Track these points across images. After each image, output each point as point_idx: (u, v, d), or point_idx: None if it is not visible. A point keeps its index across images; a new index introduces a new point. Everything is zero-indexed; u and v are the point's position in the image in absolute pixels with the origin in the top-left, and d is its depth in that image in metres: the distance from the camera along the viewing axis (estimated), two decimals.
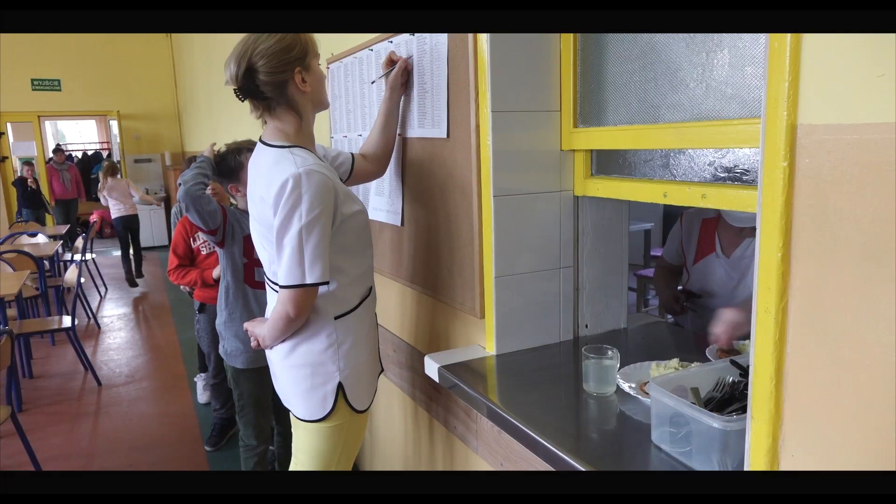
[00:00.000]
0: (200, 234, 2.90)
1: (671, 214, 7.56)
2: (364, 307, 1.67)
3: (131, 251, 7.29)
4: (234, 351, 2.37)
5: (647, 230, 5.53)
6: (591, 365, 1.37)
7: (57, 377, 4.48)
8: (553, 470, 1.17)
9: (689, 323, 2.23)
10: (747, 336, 1.35)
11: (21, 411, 3.83)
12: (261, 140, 1.60)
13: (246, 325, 1.76)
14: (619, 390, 1.37)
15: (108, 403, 4.00)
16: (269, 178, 1.45)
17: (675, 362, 1.39)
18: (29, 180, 8.64)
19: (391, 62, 1.86)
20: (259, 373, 2.34)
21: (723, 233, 2.13)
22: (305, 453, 1.68)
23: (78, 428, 3.65)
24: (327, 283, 1.51)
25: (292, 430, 1.75)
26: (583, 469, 1.09)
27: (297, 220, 1.41)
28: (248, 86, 1.47)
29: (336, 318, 1.59)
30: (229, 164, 2.32)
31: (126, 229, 7.08)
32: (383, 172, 1.96)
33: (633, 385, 1.37)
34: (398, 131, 1.99)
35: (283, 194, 1.41)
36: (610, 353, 1.36)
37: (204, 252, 2.99)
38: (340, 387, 1.61)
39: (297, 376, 1.62)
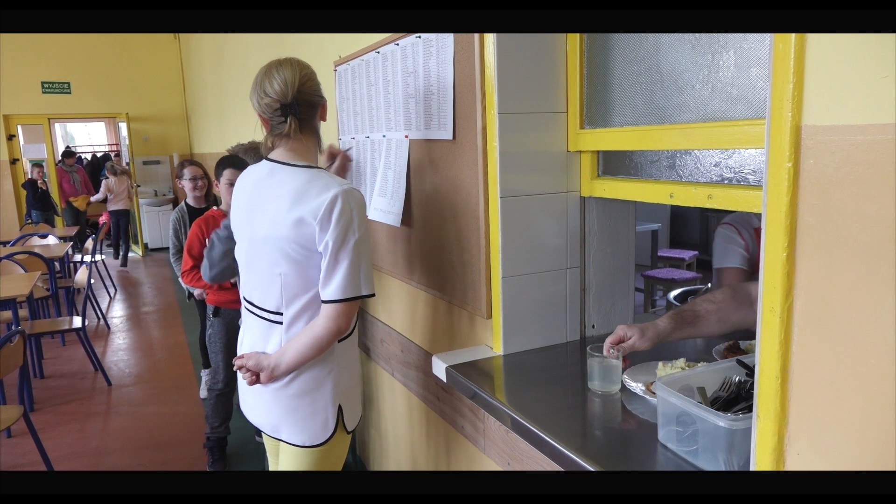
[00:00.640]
0: None
1: (678, 215, 7.56)
2: (356, 330, 1.70)
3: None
4: None
5: (654, 231, 5.52)
6: (596, 364, 1.38)
7: (67, 377, 4.52)
8: (560, 469, 1.18)
9: None
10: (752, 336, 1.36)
11: (33, 411, 3.87)
12: (273, 160, 1.57)
13: (243, 361, 1.61)
14: (625, 389, 1.38)
15: (117, 403, 4.04)
16: (310, 196, 1.46)
17: (681, 362, 1.39)
18: (39, 182, 8.72)
19: (332, 156, 1.86)
20: None
21: None
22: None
23: (88, 427, 3.68)
24: (374, 295, 1.55)
25: (280, 456, 1.70)
26: (589, 468, 1.10)
27: (352, 235, 1.46)
28: (298, 99, 1.52)
29: (339, 341, 1.60)
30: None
31: (120, 218, 8.51)
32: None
33: (640, 385, 1.37)
34: (405, 134, 2.00)
35: (335, 210, 1.44)
36: (614, 352, 1.36)
37: None
38: (340, 409, 1.62)
39: (298, 405, 1.60)
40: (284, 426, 1.62)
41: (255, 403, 1.68)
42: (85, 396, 4.16)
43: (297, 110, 1.52)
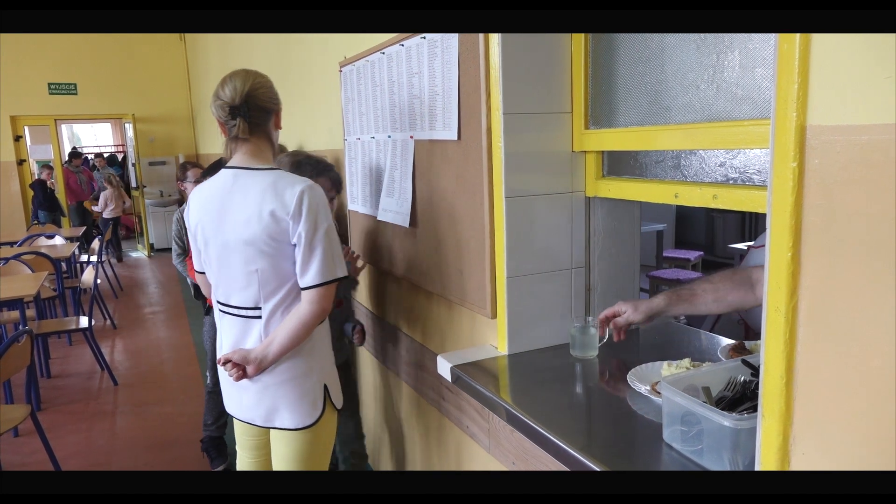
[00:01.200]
0: None
1: (683, 216, 7.54)
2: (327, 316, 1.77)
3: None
4: None
5: (660, 231, 5.51)
6: (577, 334, 1.58)
7: (74, 377, 4.54)
8: (565, 468, 1.18)
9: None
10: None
11: (40, 410, 3.89)
12: (235, 167, 1.65)
13: (227, 356, 1.66)
14: (630, 389, 1.38)
15: (124, 403, 4.06)
16: (279, 194, 1.57)
17: (686, 362, 1.40)
18: (49, 182, 8.77)
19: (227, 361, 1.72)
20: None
21: None
22: (288, 462, 1.73)
23: (95, 427, 3.70)
24: (348, 277, 1.66)
25: (273, 444, 1.76)
26: (595, 467, 1.10)
27: (321, 223, 1.59)
28: (246, 105, 1.62)
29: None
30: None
31: (114, 224, 9.00)
32: None
33: (646, 386, 1.38)
34: (411, 134, 2.01)
35: (304, 204, 1.56)
36: (591, 320, 1.58)
37: None
38: (326, 389, 1.72)
39: (287, 391, 1.67)
40: (277, 413, 1.69)
41: (242, 398, 1.73)
42: (91, 396, 4.18)
43: (246, 113, 1.62)
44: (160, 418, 3.78)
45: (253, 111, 1.62)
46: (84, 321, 4.36)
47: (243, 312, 1.67)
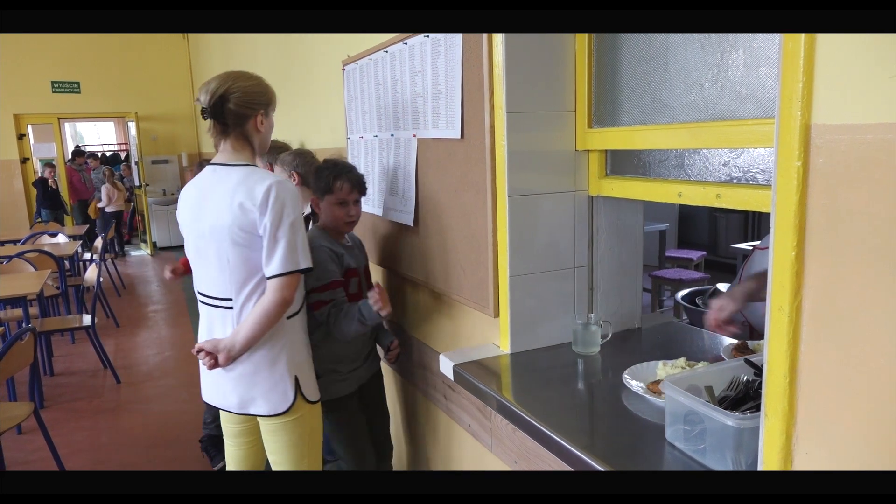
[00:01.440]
0: None
1: (686, 215, 7.53)
2: (304, 310, 1.86)
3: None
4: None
5: (662, 231, 5.50)
6: (580, 330, 1.61)
7: (77, 374, 4.55)
8: (567, 467, 1.18)
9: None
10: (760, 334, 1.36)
11: (43, 408, 3.90)
12: (215, 163, 1.75)
13: (200, 345, 1.75)
14: (625, 388, 1.38)
15: (127, 400, 4.06)
16: (249, 186, 1.65)
17: (681, 361, 1.40)
18: (50, 181, 8.78)
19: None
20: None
21: None
22: (278, 453, 1.84)
23: (98, 424, 3.71)
24: (312, 270, 1.72)
25: (263, 436, 1.87)
26: (597, 466, 1.10)
27: (287, 216, 1.64)
28: (217, 108, 1.70)
29: (288, 318, 1.76)
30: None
31: (115, 219, 9.20)
32: None
33: (641, 384, 1.38)
34: (414, 133, 2.01)
35: (271, 196, 1.63)
36: (593, 318, 1.62)
37: None
38: (296, 379, 1.78)
39: (257, 380, 1.76)
40: (253, 402, 1.78)
41: (218, 387, 1.83)
42: (94, 394, 4.19)
43: (218, 115, 1.70)
44: (163, 416, 3.79)
45: (227, 114, 1.70)
46: (87, 319, 4.37)
47: (218, 303, 1.75)
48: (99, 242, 5.89)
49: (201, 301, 1.82)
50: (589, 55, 1.56)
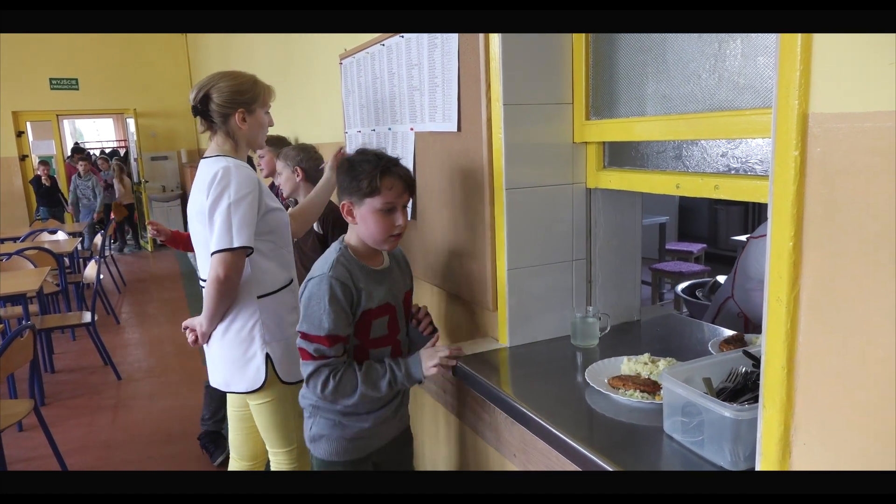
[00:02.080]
0: None
1: (686, 208, 7.52)
2: (285, 293, 1.90)
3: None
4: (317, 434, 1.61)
5: (662, 224, 5.49)
6: (578, 323, 1.61)
7: (78, 371, 4.55)
8: (566, 460, 1.18)
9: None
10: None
11: (43, 405, 3.90)
12: (204, 156, 1.86)
13: (185, 322, 1.91)
14: (589, 387, 1.37)
15: (127, 397, 4.06)
16: (205, 173, 1.76)
17: (645, 357, 1.41)
18: (44, 178, 8.75)
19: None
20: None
21: None
22: (266, 430, 1.94)
23: (98, 421, 3.71)
24: (252, 250, 1.75)
25: (255, 417, 1.94)
26: (595, 459, 1.10)
27: (226, 199, 1.71)
28: (201, 107, 1.82)
29: (259, 297, 1.82)
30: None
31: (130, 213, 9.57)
32: (302, 233, 2.21)
33: (604, 379, 1.38)
34: (411, 126, 2.00)
35: (215, 181, 1.71)
36: (591, 310, 1.62)
37: None
38: (268, 357, 1.84)
39: (234, 354, 1.85)
40: (233, 376, 1.87)
41: (212, 368, 1.94)
42: (95, 390, 4.19)
43: (204, 112, 1.82)
44: (164, 413, 3.79)
45: (211, 112, 1.81)
46: (87, 316, 4.37)
47: (202, 283, 1.87)
48: (98, 239, 5.89)
49: (200, 283, 1.93)
50: (586, 47, 1.55)
